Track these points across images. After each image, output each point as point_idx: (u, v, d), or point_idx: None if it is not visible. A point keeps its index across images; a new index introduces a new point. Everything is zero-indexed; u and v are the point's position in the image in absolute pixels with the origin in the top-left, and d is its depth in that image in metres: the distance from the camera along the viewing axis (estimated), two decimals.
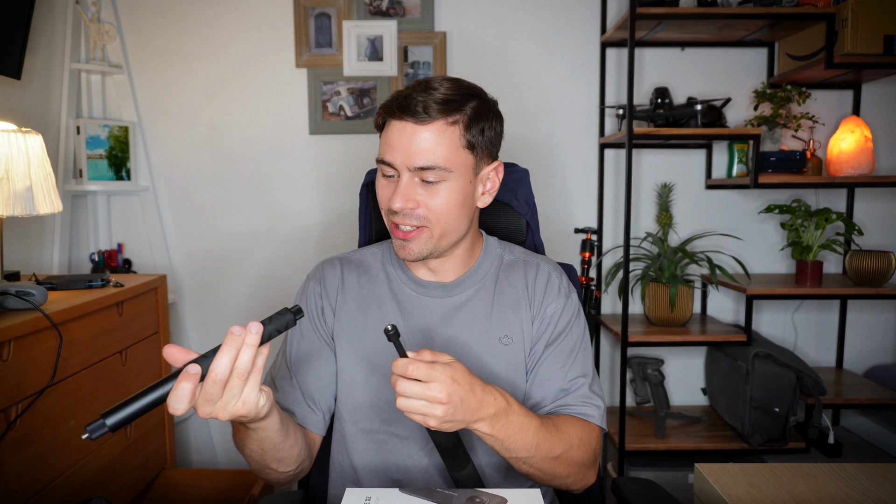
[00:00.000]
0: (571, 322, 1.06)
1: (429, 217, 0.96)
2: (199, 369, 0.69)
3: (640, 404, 2.28)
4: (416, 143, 0.93)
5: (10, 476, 1.21)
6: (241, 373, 0.71)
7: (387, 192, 0.98)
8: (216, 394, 0.71)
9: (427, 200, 0.95)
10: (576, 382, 1.03)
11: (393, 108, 0.94)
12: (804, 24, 2.09)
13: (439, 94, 0.94)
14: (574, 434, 0.96)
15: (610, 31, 2.22)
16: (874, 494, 0.89)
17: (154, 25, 2.28)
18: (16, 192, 1.39)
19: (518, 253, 1.12)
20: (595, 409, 1.01)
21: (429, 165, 0.93)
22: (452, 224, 0.98)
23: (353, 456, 1.05)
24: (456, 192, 0.96)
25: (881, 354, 2.44)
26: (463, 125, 0.95)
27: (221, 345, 0.71)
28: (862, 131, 2.13)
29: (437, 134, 0.93)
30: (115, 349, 1.59)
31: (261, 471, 0.95)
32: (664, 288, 2.10)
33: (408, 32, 2.27)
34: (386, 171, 0.97)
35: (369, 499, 0.86)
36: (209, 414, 0.72)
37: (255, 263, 2.38)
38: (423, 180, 0.95)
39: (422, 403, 0.79)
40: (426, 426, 0.81)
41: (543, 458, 0.91)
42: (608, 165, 2.37)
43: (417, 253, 0.98)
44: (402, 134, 0.94)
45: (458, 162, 0.95)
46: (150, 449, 1.79)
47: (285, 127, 2.32)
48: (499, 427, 0.86)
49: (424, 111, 0.92)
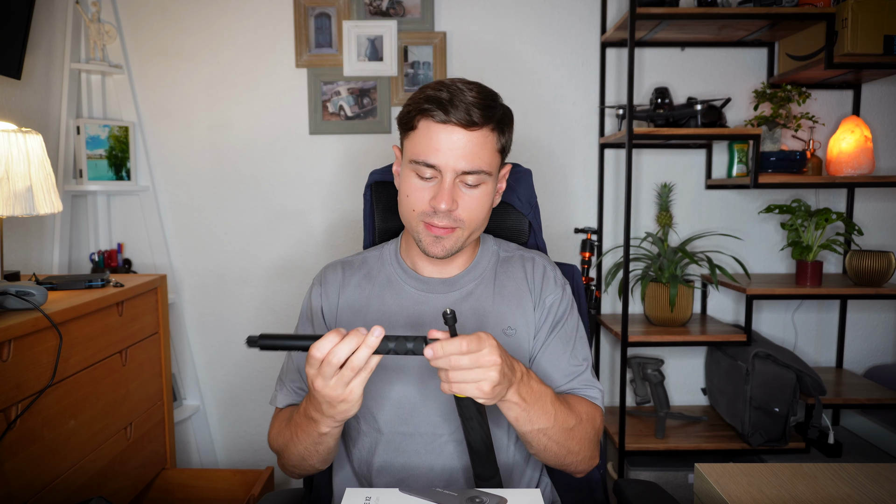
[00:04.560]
0: (568, 311, 1.10)
1: (463, 219, 1.00)
2: (344, 332, 0.81)
3: (640, 404, 2.28)
4: (465, 148, 0.96)
5: (10, 476, 1.21)
6: (354, 366, 0.80)
7: (425, 193, 1.00)
8: (329, 374, 0.81)
9: (465, 202, 0.99)
10: (579, 367, 1.07)
11: (435, 111, 0.96)
12: (804, 24, 2.09)
13: (478, 101, 0.96)
14: (582, 409, 1.01)
15: (610, 31, 2.22)
16: (874, 494, 0.89)
17: (154, 25, 2.28)
18: (16, 192, 1.39)
19: (512, 248, 1.17)
20: (598, 392, 1.06)
21: (476, 170, 0.97)
22: (481, 224, 1.04)
23: (359, 455, 1.07)
24: (489, 195, 1.02)
25: (881, 354, 2.44)
26: (498, 131, 1.00)
27: (348, 334, 0.80)
28: (862, 131, 2.13)
29: (483, 139, 0.98)
30: (115, 349, 1.59)
31: (298, 466, 1.01)
32: (664, 288, 2.10)
33: (408, 32, 2.27)
34: (424, 172, 0.99)
35: (369, 499, 0.86)
36: (321, 388, 0.82)
37: (256, 263, 2.38)
38: (464, 183, 0.98)
39: (478, 370, 0.81)
40: (480, 394, 0.82)
41: (561, 428, 0.95)
42: (608, 165, 2.37)
43: (450, 249, 1.02)
44: (449, 138, 0.96)
45: (494, 166, 1.01)
46: (150, 449, 1.78)
47: (285, 127, 2.32)
48: (524, 391, 0.89)
49: (472, 117, 0.95)
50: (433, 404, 1.03)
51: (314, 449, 0.96)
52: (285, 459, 1.03)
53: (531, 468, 1.12)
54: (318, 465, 1.01)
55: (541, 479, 1.14)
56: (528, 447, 0.98)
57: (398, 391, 1.04)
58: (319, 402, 0.85)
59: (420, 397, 1.03)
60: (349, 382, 0.82)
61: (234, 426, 2.44)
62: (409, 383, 1.04)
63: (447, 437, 1.03)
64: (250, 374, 2.41)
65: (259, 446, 2.44)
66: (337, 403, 0.84)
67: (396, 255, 1.12)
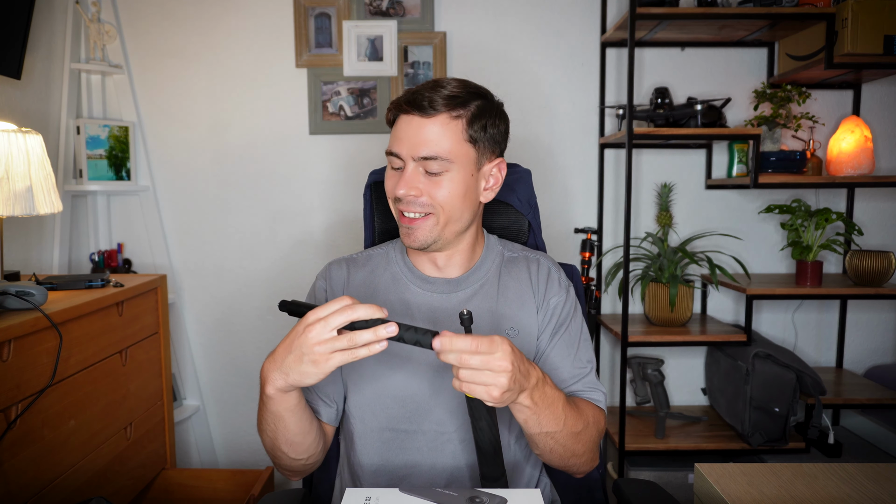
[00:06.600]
0: (572, 314, 1.10)
1: (433, 205, 1.01)
2: (349, 305, 0.82)
3: (640, 404, 2.28)
4: (422, 135, 0.99)
5: (10, 476, 1.21)
6: (356, 340, 0.81)
7: (392, 181, 1.03)
8: (332, 325, 0.81)
9: (431, 190, 1.00)
10: (583, 370, 1.08)
11: (401, 103, 1.01)
12: (804, 24, 2.09)
13: (446, 91, 0.99)
14: (588, 413, 1.01)
15: (610, 31, 2.22)
16: (874, 494, 0.89)
17: (154, 25, 2.28)
18: (16, 192, 1.39)
19: (517, 249, 1.17)
20: (601, 395, 1.07)
21: (432, 155, 0.99)
22: (456, 213, 1.03)
23: (360, 453, 1.07)
24: (458, 184, 1.01)
25: (881, 354, 2.44)
26: (466, 120, 1.00)
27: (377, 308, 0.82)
28: (862, 131, 2.13)
29: (441, 127, 0.99)
30: (115, 349, 1.59)
31: (273, 452, 1.00)
32: (664, 288, 2.10)
33: (408, 32, 2.27)
34: (394, 162, 1.03)
35: (369, 499, 0.86)
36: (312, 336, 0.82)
37: (256, 263, 2.38)
38: (427, 171, 1.00)
39: (488, 374, 0.81)
40: (489, 398, 0.82)
41: (569, 433, 0.95)
42: (608, 165, 2.37)
43: (423, 240, 1.02)
44: (408, 126, 1.00)
45: (459, 154, 1.00)
46: (150, 449, 1.78)
47: (285, 127, 2.32)
48: (537, 396, 0.89)
49: (430, 105, 0.98)
50: (436, 403, 1.03)
51: (273, 425, 0.94)
52: (266, 448, 1.01)
53: (531, 467, 1.12)
54: (289, 452, 0.98)
55: (540, 479, 1.14)
56: (532, 448, 0.98)
57: (401, 389, 1.04)
58: (289, 350, 0.84)
59: (423, 396, 1.03)
60: (335, 352, 0.82)
61: (234, 426, 2.44)
62: (411, 381, 1.04)
63: (450, 435, 1.03)
64: (250, 374, 2.41)
65: (259, 446, 2.44)
66: (305, 361, 0.83)
67: (403, 255, 1.13)
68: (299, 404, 0.93)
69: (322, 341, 0.82)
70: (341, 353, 0.82)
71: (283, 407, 0.91)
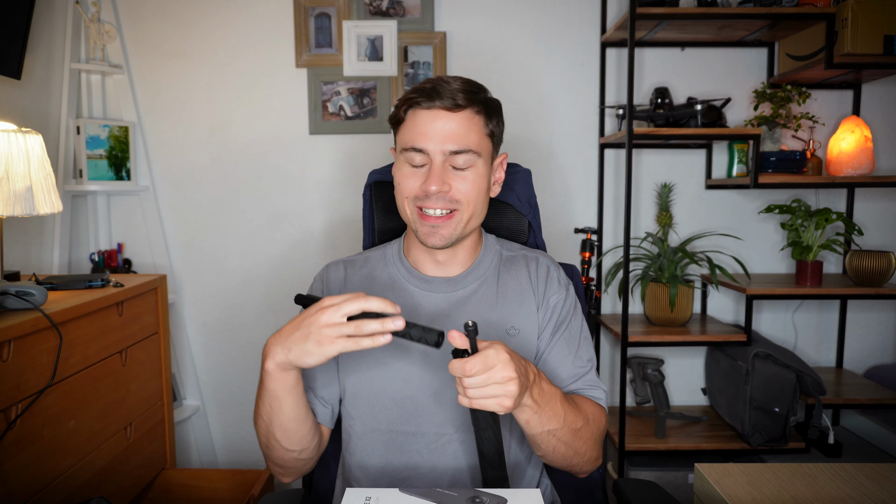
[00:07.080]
0: (572, 312, 1.10)
1: (459, 200, 1.00)
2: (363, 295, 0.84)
3: (640, 404, 2.28)
4: (451, 129, 0.98)
5: (10, 476, 1.21)
6: (363, 329, 0.82)
7: (415, 180, 1.01)
8: (344, 311, 0.83)
9: (458, 184, 1.00)
10: (583, 368, 1.07)
11: (420, 98, 0.99)
12: (804, 24, 2.09)
13: (461, 87, 1.00)
14: (588, 410, 1.01)
15: (610, 31, 2.22)
16: (874, 494, 0.89)
17: (154, 25, 2.28)
18: (16, 192, 1.39)
19: (515, 248, 1.17)
20: (602, 393, 1.07)
21: (463, 149, 0.99)
22: (479, 208, 1.04)
23: (361, 455, 1.07)
24: (482, 177, 1.02)
25: (881, 354, 2.44)
26: (485, 115, 1.01)
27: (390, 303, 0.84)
28: (862, 131, 2.13)
29: (468, 120, 1.00)
30: (115, 349, 1.59)
31: (267, 440, 0.99)
32: (664, 288, 2.10)
33: (408, 32, 2.27)
34: (414, 159, 1.00)
35: (369, 499, 0.86)
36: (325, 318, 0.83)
37: (256, 263, 2.38)
38: (453, 166, 1.00)
39: (494, 388, 0.81)
40: (502, 410, 0.83)
41: (569, 429, 0.95)
42: (608, 165, 2.37)
43: (448, 237, 1.02)
44: (434, 121, 0.98)
45: (483, 148, 1.02)
46: (150, 449, 1.78)
47: (285, 127, 2.32)
48: (537, 393, 0.89)
49: (455, 99, 0.98)
50: (436, 405, 1.03)
51: (269, 407, 0.93)
52: (260, 438, 1.01)
53: (532, 468, 1.12)
54: (282, 440, 0.97)
55: (541, 480, 1.14)
56: (535, 449, 0.98)
57: (400, 391, 1.03)
58: (297, 327, 0.85)
59: (423, 398, 1.03)
60: (340, 337, 0.82)
61: (234, 426, 2.44)
62: (410, 383, 1.03)
63: (450, 437, 1.03)
64: (250, 374, 2.41)
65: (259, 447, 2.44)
66: (310, 340, 0.84)
67: (400, 255, 1.12)
68: (297, 387, 0.93)
69: (331, 324, 0.83)
70: (345, 339, 0.83)
71: (280, 385, 0.91)
